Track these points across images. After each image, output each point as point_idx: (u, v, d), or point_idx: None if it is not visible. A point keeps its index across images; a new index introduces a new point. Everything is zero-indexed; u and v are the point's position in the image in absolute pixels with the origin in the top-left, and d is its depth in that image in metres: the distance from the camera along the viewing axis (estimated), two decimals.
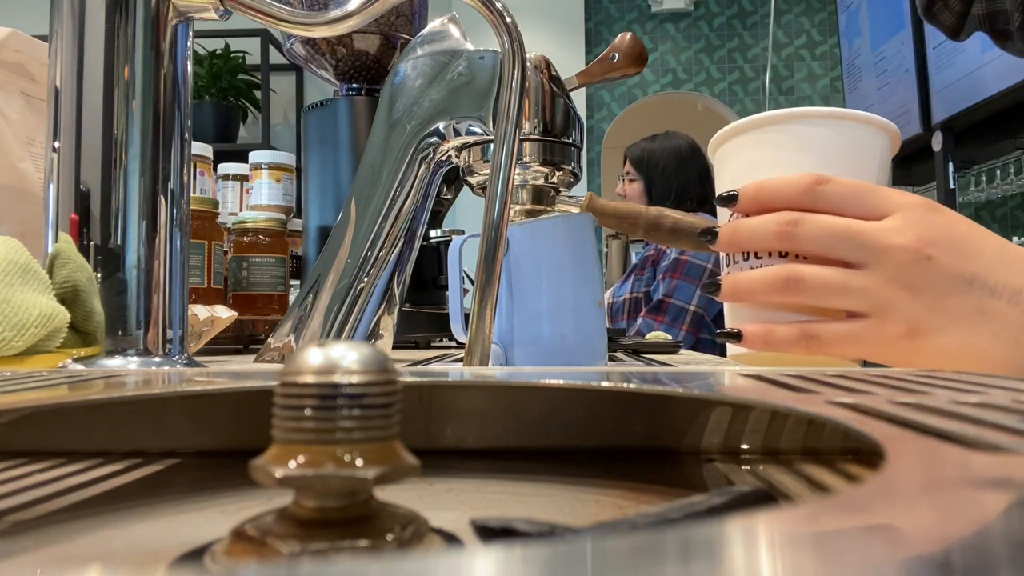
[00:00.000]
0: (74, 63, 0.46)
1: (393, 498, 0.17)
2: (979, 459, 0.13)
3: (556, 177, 0.69)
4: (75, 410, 0.25)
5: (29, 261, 0.45)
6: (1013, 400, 0.20)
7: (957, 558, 0.08)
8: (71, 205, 0.45)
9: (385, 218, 0.69)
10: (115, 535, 0.19)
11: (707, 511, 0.16)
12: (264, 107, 3.46)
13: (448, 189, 1.06)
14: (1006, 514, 0.10)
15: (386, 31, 0.94)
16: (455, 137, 0.67)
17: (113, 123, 0.45)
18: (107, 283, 0.45)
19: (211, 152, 1.13)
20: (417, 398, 0.27)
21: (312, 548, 0.14)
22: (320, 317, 0.65)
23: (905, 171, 3.29)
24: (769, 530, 0.09)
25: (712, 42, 4.05)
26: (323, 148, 0.98)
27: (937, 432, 0.16)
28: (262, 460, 0.15)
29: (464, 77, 0.67)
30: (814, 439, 0.25)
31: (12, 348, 0.42)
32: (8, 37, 0.72)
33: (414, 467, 0.15)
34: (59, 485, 0.23)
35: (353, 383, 0.15)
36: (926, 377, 0.27)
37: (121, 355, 0.45)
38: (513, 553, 0.08)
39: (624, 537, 0.09)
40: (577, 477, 0.24)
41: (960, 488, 0.12)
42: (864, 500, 0.11)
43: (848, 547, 0.08)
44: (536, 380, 0.26)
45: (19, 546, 0.18)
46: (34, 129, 0.75)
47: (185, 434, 0.26)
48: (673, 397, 0.25)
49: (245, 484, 0.20)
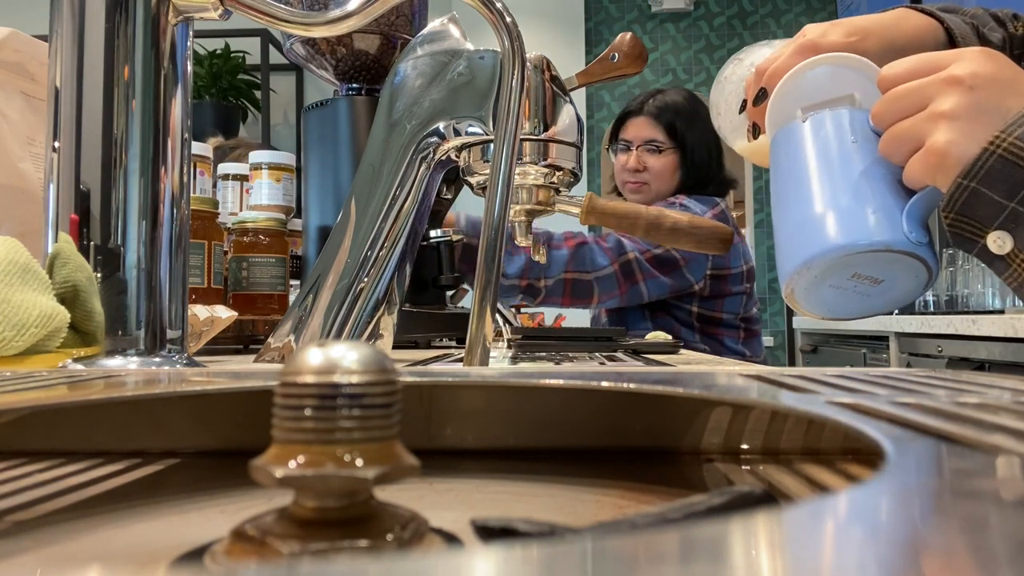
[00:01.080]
0: (74, 63, 0.46)
1: (393, 498, 0.17)
2: (979, 459, 0.13)
3: (556, 177, 0.69)
4: (75, 410, 0.25)
5: (29, 261, 0.45)
6: (1013, 400, 0.20)
7: (957, 558, 0.08)
8: (71, 205, 0.45)
9: (385, 218, 0.69)
10: (115, 535, 0.19)
11: (707, 511, 0.16)
12: (264, 107, 3.46)
13: (448, 189, 1.06)
14: (1006, 514, 0.10)
15: (386, 31, 0.94)
16: (455, 137, 0.67)
17: (113, 123, 0.45)
18: (107, 283, 0.45)
19: (211, 152, 1.13)
20: (417, 398, 0.27)
21: (312, 548, 0.14)
22: (320, 317, 0.65)
23: None
24: (769, 530, 0.09)
25: (712, 42, 4.05)
26: (323, 148, 0.98)
27: (937, 432, 0.16)
28: (262, 460, 0.15)
29: (464, 77, 0.67)
30: (814, 439, 0.25)
31: (12, 348, 0.42)
32: (8, 37, 0.72)
33: (414, 467, 0.15)
34: (59, 485, 0.23)
35: (353, 383, 0.15)
36: (926, 377, 0.27)
37: (121, 355, 0.45)
38: (513, 553, 0.08)
39: (624, 537, 0.09)
40: (577, 477, 0.24)
41: (960, 488, 0.12)
42: (864, 500, 0.11)
43: (848, 547, 0.08)
44: (536, 380, 0.26)
45: (19, 546, 0.18)
46: (34, 129, 0.75)
47: (185, 434, 0.26)
48: (673, 397, 0.25)
49: (245, 484, 0.20)
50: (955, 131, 0.51)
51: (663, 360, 0.79)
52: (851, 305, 0.57)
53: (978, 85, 0.52)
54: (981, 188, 0.50)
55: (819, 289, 0.56)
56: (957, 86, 0.52)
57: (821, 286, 0.55)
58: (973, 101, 0.51)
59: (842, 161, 0.55)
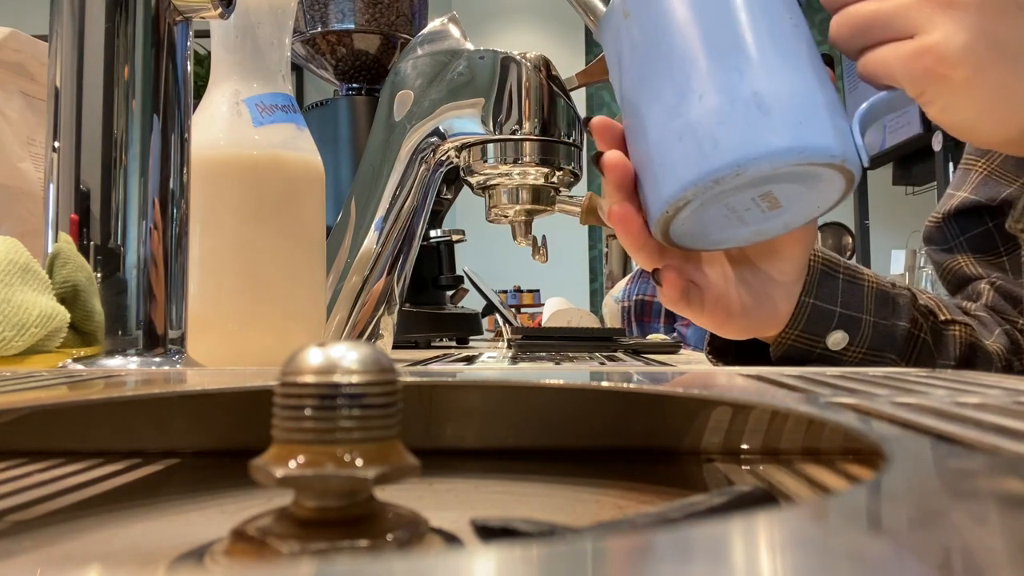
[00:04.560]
0: (74, 63, 0.46)
1: (393, 498, 0.17)
2: (979, 459, 0.13)
3: (556, 177, 0.69)
4: (75, 410, 0.25)
5: (29, 261, 0.45)
6: (1013, 401, 0.20)
7: (957, 558, 0.08)
8: (71, 205, 0.45)
9: (385, 218, 0.69)
10: (115, 535, 0.19)
11: (707, 511, 0.16)
12: None
13: (448, 189, 1.06)
14: (1006, 514, 0.10)
15: (386, 31, 0.94)
16: (455, 137, 0.67)
17: (113, 123, 0.45)
18: (107, 283, 0.45)
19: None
20: (417, 398, 0.27)
21: (312, 548, 0.14)
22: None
23: (905, 171, 3.29)
24: (769, 530, 0.09)
25: None
26: (323, 148, 0.97)
27: (937, 433, 0.16)
28: (262, 460, 0.15)
29: (464, 77, 0.67)
30: (814, 439, 0.25)
31: (12, 348, 0.42)
32: (8, 37, 0.72)
33: (414, 467, 0.15)
34: (59, 485, 0.23)
35: (353, 383, 0.15)
36: (926, 377, 0.27)
37: (121, 355, 0.45)
38: (513, 553, 0.08)
39: (624, 537, 0.09)
40: (577, 477, 0.24)
41: (960, 488, 0.12)
42: (864, 500, 0.11)
43: (848, 547, 0.08)
44: (536, 380, 0.26)
45: (19, 546, 0.18)
46: (34, 129, 0.75)
47: (185, 434, 0.26)
48: (673, 397, 0.25)
49: (245, 484, 0.20)
50: (957, 23, 0.37)
51: (663, 360, 0.79)
52: (732, 233, 0.43)
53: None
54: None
55: (701, 214, 0.40)
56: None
57: (708, 209, 0.40)
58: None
59: (768, 23, 0.39)
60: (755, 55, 0.38)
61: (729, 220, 0.42)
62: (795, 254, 0.49)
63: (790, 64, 0.38)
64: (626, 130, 0.42)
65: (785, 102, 0.37)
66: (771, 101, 0.36)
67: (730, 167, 0.36)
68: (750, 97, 0.36)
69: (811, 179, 0.39)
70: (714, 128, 0.37)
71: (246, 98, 0.55)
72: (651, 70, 0.40)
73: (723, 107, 0.37)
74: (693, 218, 0.40)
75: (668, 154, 0.38)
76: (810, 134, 0.36)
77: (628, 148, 0.42)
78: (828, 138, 0.37)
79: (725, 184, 0.37)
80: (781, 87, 0.37)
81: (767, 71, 0.37)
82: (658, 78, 0.39)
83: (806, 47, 0.39)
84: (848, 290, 0.51)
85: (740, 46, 0.38)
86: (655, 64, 0.40)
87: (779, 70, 0.37)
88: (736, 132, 0.36)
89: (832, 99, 0.38)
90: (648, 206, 0.41)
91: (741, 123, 0.36)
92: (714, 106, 0.37)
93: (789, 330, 0.50)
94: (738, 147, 0.36)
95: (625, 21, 0.41)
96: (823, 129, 0.37)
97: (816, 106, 0.37)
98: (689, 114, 0.37)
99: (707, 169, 0.37)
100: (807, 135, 0.36)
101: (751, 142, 0.36)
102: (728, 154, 0.36)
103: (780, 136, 0.36)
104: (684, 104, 0.38)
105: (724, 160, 0.36)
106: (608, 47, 0.44)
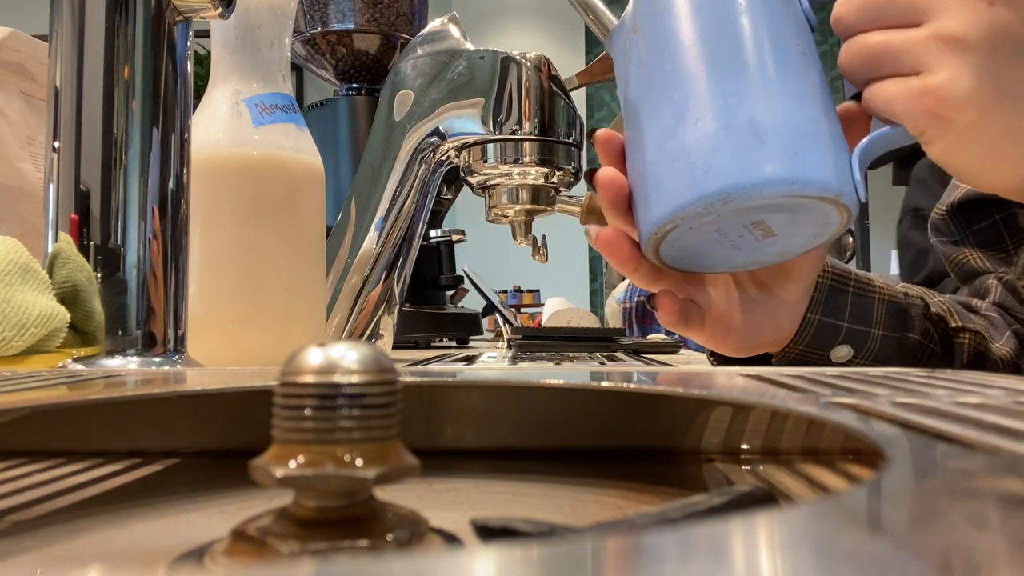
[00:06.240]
0: (74, 63, 0.46)
1: (393, 498, 0.17)
2: (979, 460, 0.13)
3: (556, 177, 0.69)
4: (75, 410, 0.25)
5: (29, 261, 0.45)
6: (1013, 401, 0.20)
7: (957, 558, 0.08)
8: (71, 205, 0.45)
9: (385, 218, 0.69)
10: (115, 535, 0.19)
11: (707, 511, 0.16)
12: None
13: (448, 189, 1.06)
14: (1005, 514, 0.10)
15: (386, 31, 0.94)
16: (455, 137, 0.67)
17: (113, 123, 0.45)
18: (107, 283, 0.45)
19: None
20: (417, 398, 0.27)
21: (312, 548, 0.14)
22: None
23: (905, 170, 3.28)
24: (769, 530, 0.09)
25: None
26: (323, 148, 0.97)
27: (937, 433, 0.16)
28: (262, 460, 0.15)
29: (464, 77, 0.67)
30: (814, 439, 0.25)
31: (12, 348, 0.42)
32: (8, 37, 0.72)
33: (414, 467, 0.15)
34: (59, 485, 0.23)
35: (353, 383, 0.15)
36: (926, 377, 0.27)
37: (121, 355, 0.45)
38: (513, 553, 0.08)
39: (624, 537, 0.09)
40: (577, 477, 0.24)
41: (960, 488, 0.12)
42: (864, 500, 0.11)
43: (848, 547, 0.08)
44: (536, 380, 0.26)
45: (19, 546, 0.18)
46: (34, 129, 0.75)
47: (185, 434, 0.26)
48: (673, 397, 0.25)
49: (245, 484, 0.20)
50: (965, 65, 0.36)
51: (663, 360, 0.79)
52: (726, 257, 0.43)
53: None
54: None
55: (692, 238, 0.40)
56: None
57: (699, 234, 0.39)
58: (991, 19, 0.36)
59: (773, 49, 0.38)
60: (756, 81, 0.37)
61: (723, 245, 0.41)
62: (805, 274, 0.48)
63: (792, 92, 0.37)
64: (626, 143, 0.42)
65: (781, 131, 0.36)
66: (767, 129, 0.36)
67: (719, 195, 0.36)
68: (746, 124, 0.36)
69: (805, 211, 0.38)
70: (707, 154, 0.36)
71: (246, 98, 0.55)
72: (653, 88, 0.39)
73: (718, 133, 0.36)
74: (684, 241, 0.40)
75: (661, 175, 0.38)
76: (804, 166, 0.35)
77: (627, 162, 0.42)
78: (823, 171, 0.36)
79: (714, 211, 0.36)
80: (778, 115, 0.36)
81: (766, 98, 0.36)
82: (659, 97, 0.39)
83: (814, 75, 0.38)
84: (857, 304, 0.51)
85: (742, 71, 0.37)
86: (658, 82, 0.39)
87: (779, 97, 0.36)
88: (728, 159, 0.36)
89: (834, 130, 0.37)
90: (639, 225, 0.40)
91: (734, 150, 0.36)
92: (710, 131, 0.36)
93: (793, 345, 0.50)
94: (729, 174, 0.35)
95: (634, 36, 0.41)
96: (819, 161, 0.36)
97: (814, 136, 0.36)
98: (685, 137, 0.37)
99: (696, 195, 0.36)
100: (801, 166, 0.35)
101: (743, 170, 0.35)
102: (718, 181, 0.36)
103: (773, 166, 0.35)
104: (681, 127, 0.37)
105: (714, 187, 0.36)
106: (617, 60, 0.43)
